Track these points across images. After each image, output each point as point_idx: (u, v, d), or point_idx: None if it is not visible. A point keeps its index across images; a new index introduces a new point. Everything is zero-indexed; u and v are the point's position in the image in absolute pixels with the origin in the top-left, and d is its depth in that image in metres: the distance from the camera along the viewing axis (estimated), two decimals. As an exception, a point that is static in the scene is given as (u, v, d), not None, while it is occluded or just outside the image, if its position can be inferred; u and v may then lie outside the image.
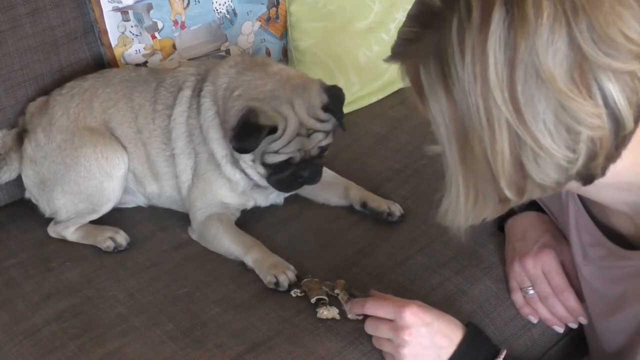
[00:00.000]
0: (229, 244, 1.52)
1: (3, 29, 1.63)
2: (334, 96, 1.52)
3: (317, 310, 1.33)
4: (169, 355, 1.30)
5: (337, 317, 1.32)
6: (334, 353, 1.28)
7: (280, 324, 1.33)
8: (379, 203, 1.57)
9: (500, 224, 1.40)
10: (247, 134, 1.46)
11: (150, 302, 1.42)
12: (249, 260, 1.48)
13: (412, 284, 1.40)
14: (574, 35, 0.80)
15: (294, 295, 1.37)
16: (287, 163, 1.50)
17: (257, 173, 1.53)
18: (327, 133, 1.52)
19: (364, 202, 1.59)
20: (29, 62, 1.68)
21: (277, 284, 1.41)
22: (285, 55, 2.00)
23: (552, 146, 0.83)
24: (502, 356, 1.16)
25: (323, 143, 1.52)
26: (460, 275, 1.42)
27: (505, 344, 1.34)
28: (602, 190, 0.96)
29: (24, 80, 1.69)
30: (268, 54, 1.97)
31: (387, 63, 0.97)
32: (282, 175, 1.52)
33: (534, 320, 1.31)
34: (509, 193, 0.88)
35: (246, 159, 1.52)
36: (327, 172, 1.69)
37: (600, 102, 0.81)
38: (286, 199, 1.65)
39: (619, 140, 0.85)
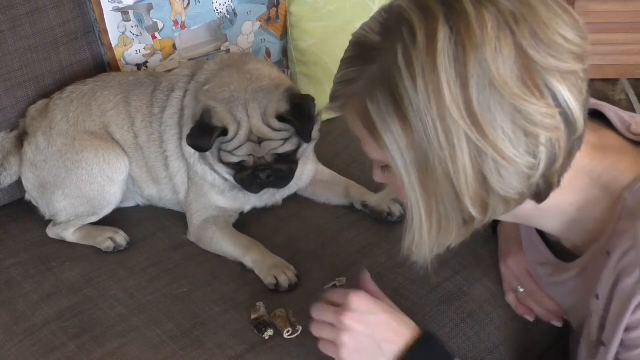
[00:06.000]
0: (227, 246, 1.52)
1: (3, 29, 1.63)
2: (298, 106, 1.46)
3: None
4: (169, 355, 1.30)
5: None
6: (334, 353, 1.27)
7: (280, 323, 1.33)
8: (379, 203, 1.57)
9: (494, 227, 1.40)
10: (200, 133, 1.46)
11: (150, 301, 1.42)
12: (249, 261, 1.48)
13: (412, 284, 1.40)
14: (519, 41, 0.83)
15: (267, 337, 1.31)
16: (241, 165, 1.48)
17: (224, 172, 1.52)
18: (284, 141, 1.47)
19: (365, 201, 1.59)
20: (29, 62, 1.68)
21: (277, 284, 1.41)
22: (285, 55, 2.00)
23: (513, 153, 0.85)
24: None
25: (279, 151, 1.47)
26: (460, 275, 1.42)
27: (505, 344, 1.35)
28: (544, 217, 1.01)
29: (24, 81, 1.69)
30: (268, 54, 1.97)
31: (331, 112, 0.98)
32: (242, 175, 1.50)
33: (531, 319, 1.31)
34: (473, 211, 0.89)
35: (208, 156, 1.51)
36: (327, 172, 1.69)
37: (552, 102, 0.85)
38: (286, 199, 1.65)
39: (572, 143, 0.89)
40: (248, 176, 1.49)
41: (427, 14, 0.85)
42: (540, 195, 0.93)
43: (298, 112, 1.46)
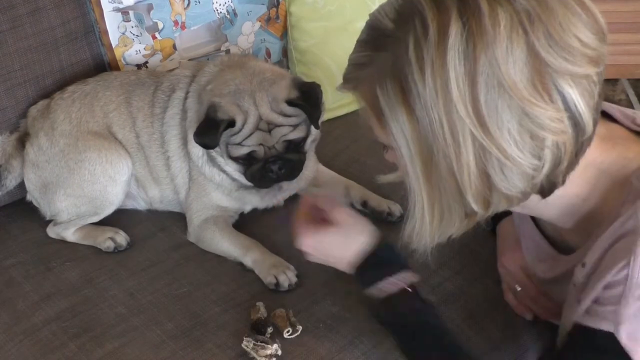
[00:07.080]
0: (228, 245, 1.52)
1: (3, 29, 1.63)
2: (306, 92, 1.47)
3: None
4: (169, 355, 1.30)
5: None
6: (334, 352, 1.28)
7: (280, 323, 1.33)
8: (379, 202, 1.57)
9: (493, 227, 1.40)
10: (206, 128, 1.46)
11: (150, 301, 1.42)
12: (249, 261, 1.48)
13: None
14: (531, 42, 0.82)
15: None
16: (252, 157, 1.48)
17: (234, 170, 1.53)
18: (294, 127, 1.47)
19: (365, 201, 1.59)
20: (29, 62, 1.68)
21: (277, 284, 1.41)
22: (285, 55, 2.00)
23: (518, 155, 0.85)
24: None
25: (290, 137, 1.47)
26: (460, 275, 1.42)
27: (505, 344, 1.34)
28: (549, 208, 1.01)
29: (24, 81, 1.69)
30: (268, 54, 1.97)
31: (341, 91, 0.98)
32: (253, 169, 1.49)
33: (529, 317, 1.31)
34: (475, 206, 0.89)
35: (216, 155, 1.51)
36: (327, 172, 1.69)
37: (562, 106, 0.84)
38: (286, 200, 1.64)
39: (579, 146, 0.88)
40: (259, 169, 1.49)
41: (440, 7, 0.84)
42: (544, 192, 0.92)
43: (307, 98, 1.47)
